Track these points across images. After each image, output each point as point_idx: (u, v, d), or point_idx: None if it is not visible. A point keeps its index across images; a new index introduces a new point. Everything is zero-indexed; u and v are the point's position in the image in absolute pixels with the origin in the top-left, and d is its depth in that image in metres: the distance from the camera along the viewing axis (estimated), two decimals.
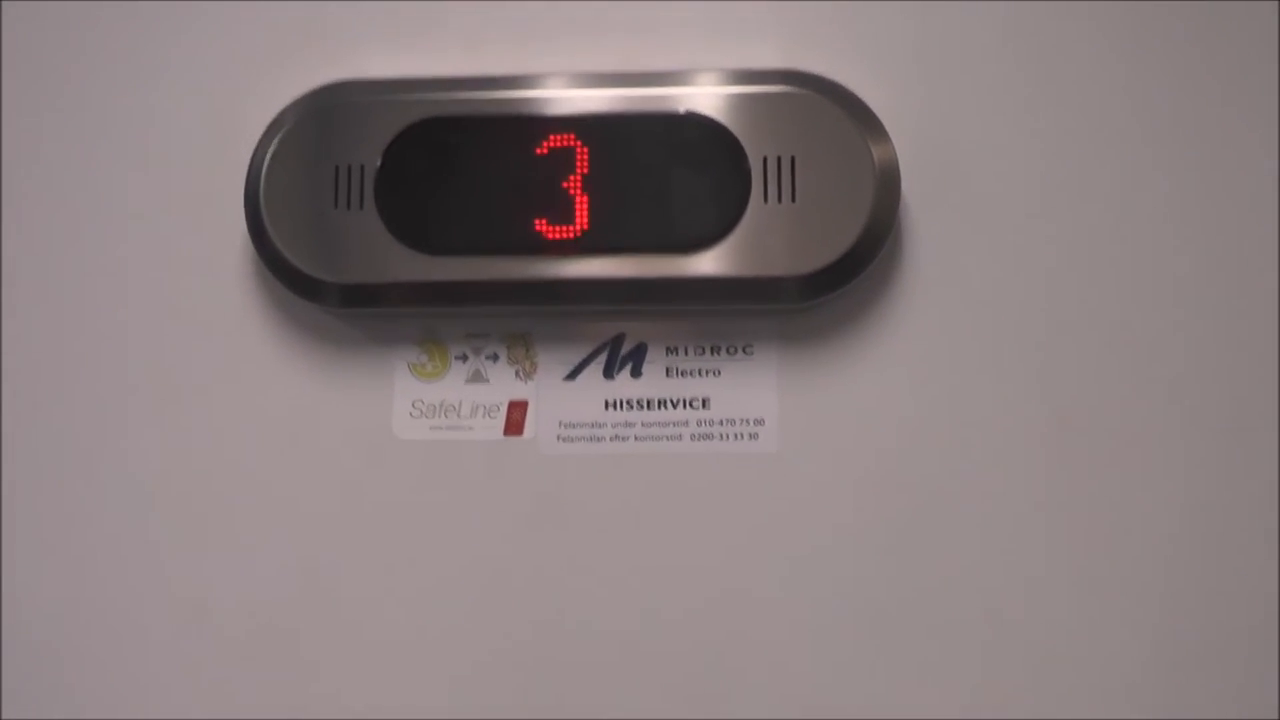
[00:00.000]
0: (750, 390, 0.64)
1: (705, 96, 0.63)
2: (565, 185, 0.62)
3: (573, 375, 0.65)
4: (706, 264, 0.62)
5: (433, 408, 0.65)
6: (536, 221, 0.62)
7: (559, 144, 0.63)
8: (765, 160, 0.62)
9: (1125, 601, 0.62)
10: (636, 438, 0.64)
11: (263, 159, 0.64)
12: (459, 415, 0.65)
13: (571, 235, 0.62)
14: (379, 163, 0.63)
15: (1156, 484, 0.63)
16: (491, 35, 0.67)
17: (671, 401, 0.64)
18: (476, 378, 0.65)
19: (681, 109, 0.63)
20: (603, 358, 0.65)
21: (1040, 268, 0.64)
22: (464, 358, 0.65)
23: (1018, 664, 0.62)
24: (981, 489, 0.63)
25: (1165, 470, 0.63)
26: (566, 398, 0.65)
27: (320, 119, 0.64)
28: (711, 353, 0.65)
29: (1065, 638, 0.62)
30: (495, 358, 0.65)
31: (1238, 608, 0.62)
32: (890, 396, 0.64)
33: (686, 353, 0.65)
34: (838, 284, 0.62)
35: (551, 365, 0.65)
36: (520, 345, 0.65)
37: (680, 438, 0.64)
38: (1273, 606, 0.62)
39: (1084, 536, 0.63)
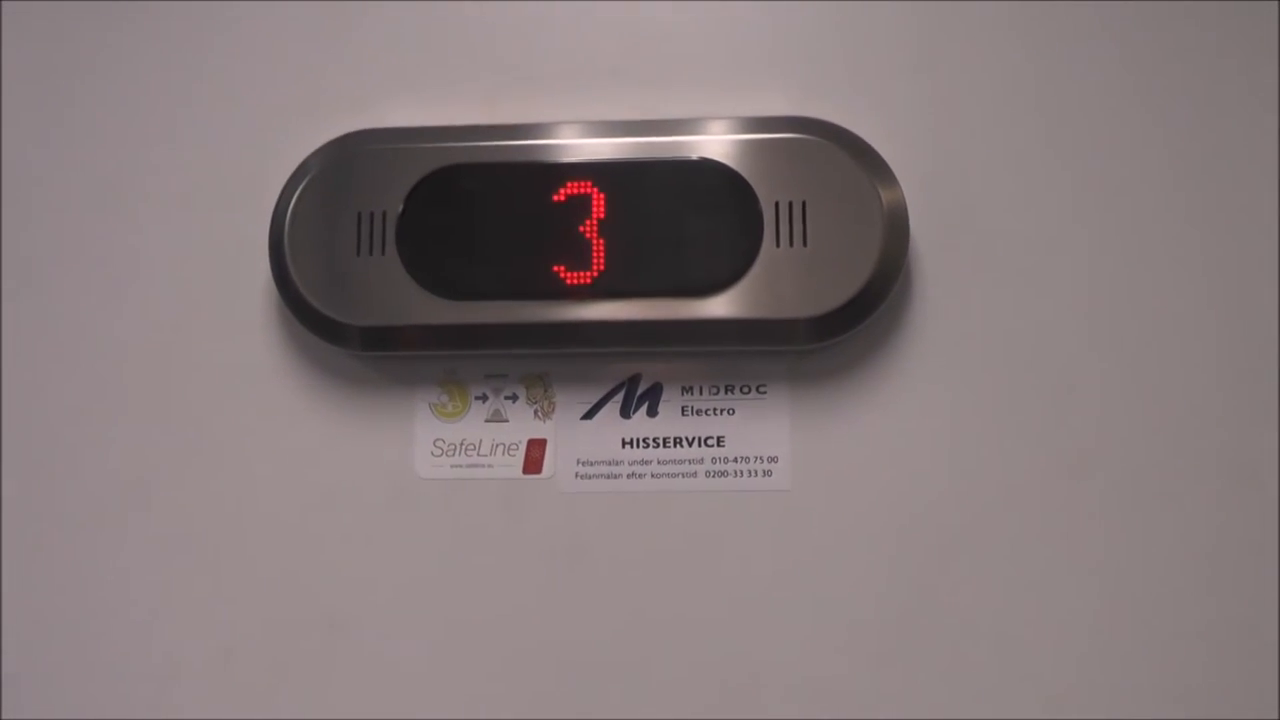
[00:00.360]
0: (764, 428, 0.65)
1: (718, 143, 0.65)
2: (582, 230, 0.64)
3: (590, 414, 0.66)
4: (720, 307, 0.63)
5: (454, 446, 0.66)
6: (554, 266, 0.64)
7: (576, 190, 0.64)
8: (777, 205, 0.63)
9: (1138, 642, 0.63)
10: (653, 475, 0.66)
11: (287, 205, 0.65)
12: (479, 454, 0.66)
13: (588, 279, 0.64)
14: (400, 209, 0.65)
15: (1170, 523, 0.64)
16: (510, 86, 0.68)
17: (687, 440, 0.66)
18: (496, 417, 0.67)
19: (695, 155, 0.65)
20: (619, 397, 0.66)
21: (1048, 309, 0.65)
22: (484, 398, 0.67)
23: (1031, 703, 0.63)
24: (992, 527, 0.64)
25: (1179, 509, 0.64)
26: (584, 436, 0.66)
27: (343, 167, 0.66)
28: (725, 392, 0.66)
29: (1078, 677, 0.63)
30: (514, 398, 0.67)
31: (1251, 651, 0.63)
32: (901, 435, 0.65)
33: (701, 392, 0.66)
34: (848, 325, 0.63)
35: (569, 405, 0.66)
36: (539, 385, 0.67)
37: (695, 475, 0.65)
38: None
39: (1096, 574, 0.64)
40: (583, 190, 0.64)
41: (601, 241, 0.64)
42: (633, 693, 0.64)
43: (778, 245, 0.63)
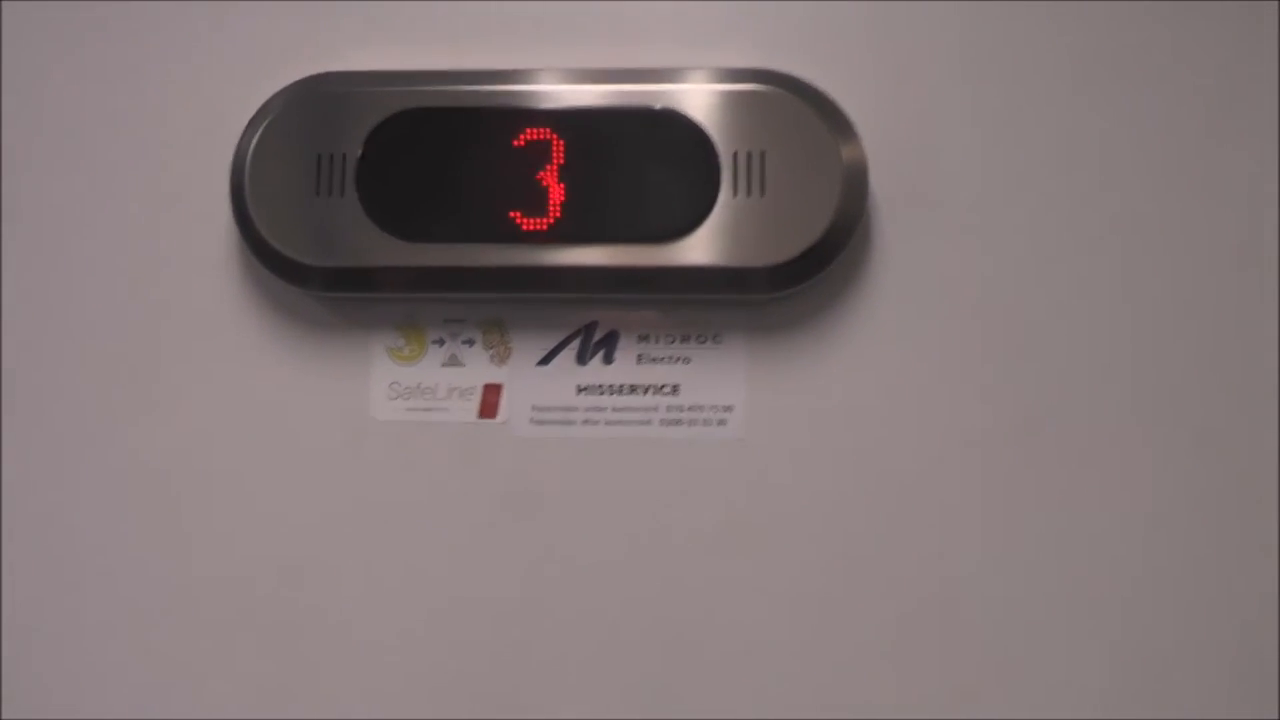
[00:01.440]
0: (719, 378, 0.66)
1: (679, 93, 0.65)
2: (541, 176, 0.64)
3: (546, 360, 0.67)
4: (677, 254, 0.63)
5: (409, 390, 0.67)
6: (512, 211, 0.64)
7: (536, 136, 0.64)
8: (736, 155, 0.64)
9: (1088, 588, 0.64)
10: (607, 422, 0.66)
11: (247, 147, 0.65)
12: (435, 397, 0.66)
13: (546, 225, 0.64)
14: (360, 152, 0.65)
15: (1121, 474, 0.65)
16: (473, 31, 0.68)
17: (642, 387, 0.66)
18: (452, 361, 0.67)
19: (656, 105, 0.65)
20: (575, 344, 0.67)
21: (1003, 262, 0.66)
22: (441, 342, 0.67)
23: (974, 647, 0.64)
24: (943, 477, 0.65)
25: (1133, 463, 0.65)
26: (539, 382, 0.66)
27: (304, 109, 0.66)
28: (682, 341, 0.66)
29: (1026, 624, 0.64)
30: (471, 342, 0.67)
31: (1198, 602, 0.64)
32: (855, 386, 0.66)
33: (657, 340, 0.66)
34: (805, 276, 0.64)
35: (525, 350, 0.67)
36: (495, 331, 0.67)
37: (650, 423, 0.66)
38: (1242, 599, 0.63)
39: (1046, 524, 0.64)
40: (543, 136, 0.64)
41: (561, 187, 0.64)
42: (581, 635, 0.65)
43: (735, 194, 0.63)
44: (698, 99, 0.65)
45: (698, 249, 0.63)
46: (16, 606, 0.67)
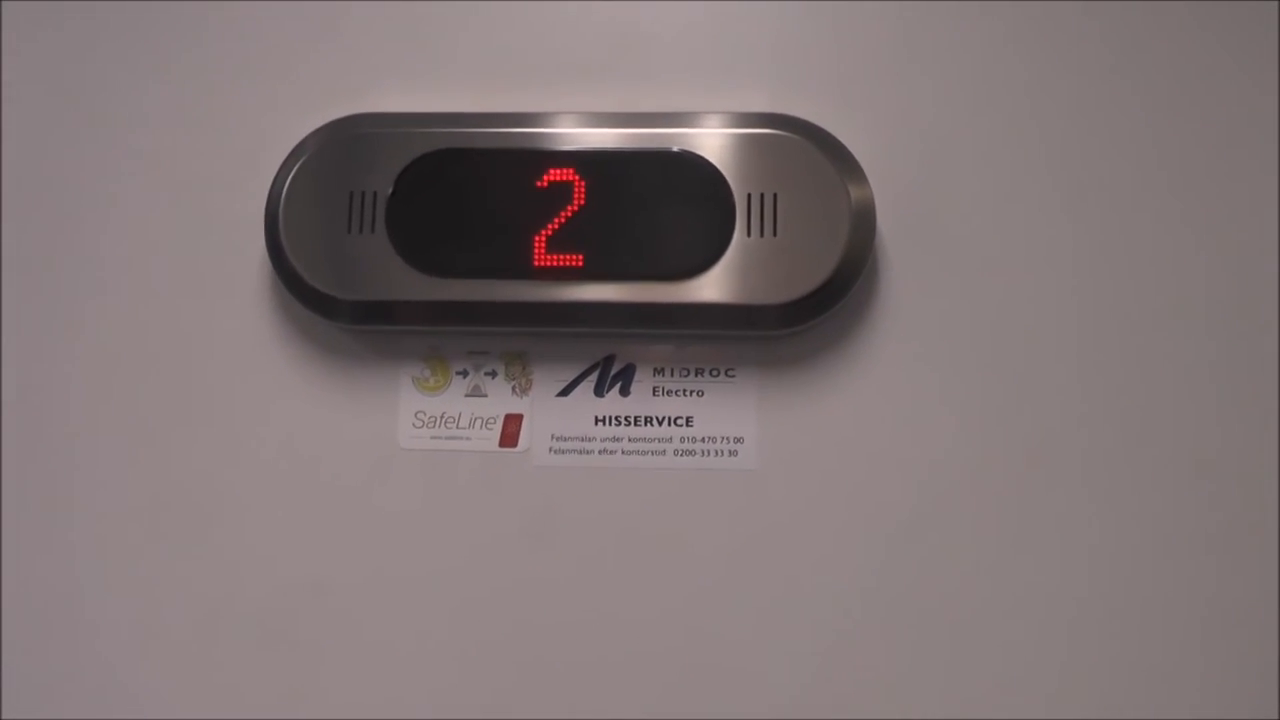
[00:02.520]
0: (731, 410, 0.68)
1: (697, 137, 0.68)
2: (563, 215, 0.67)
3: (565, 392, 0.69)
4: (693, 291, 0.66)
5: (434, 419, 0.69)
6: (535, 248, 0.67)
7: (559, 177, 0.67)
8: (749, 197, 0.66)
9: (1093, 616, 0.66)
10: (624, 451, 0.68)
11: (283, 185, 0.68)
12: (458, 426, 0.69)
13: (568, 262, 0.66)
14: (391, 190, 0.68)
15: (1130, 509, 0.66)
16: (500, 76, 0.72)
17: (657, 419, 0.69)
18: (476, 392, 0.69)
19: (674, 148, 0.67)
20: (594, 376, 0.69)
21: (1006, 297, 0.68)
22: (464, 373, 0.70)
23: (992, 680, 0.66)
24: (952, 509, 0.67)
25: (1140, 495, 0.66)
26: (559, 413, 0.69)
27: (337, 148, 0.69)
28: (696, 374, 0.69)
29: (1038, 656, 0.66)
30: (494, 374, 0.69)
31: (1196, 618, 0.65)
32: (863, 419, 0.68)
33: (672, 374, 0.69)
34: (815, 313, 0.66)
35: (546, 382, 0.69)
36: (517, 363, 0.69)
37: (664, 453, 0.68)
38: (1263, 628, 0.65)
39: (1055, 558, 0.66)
40: (565, 177, 0.67)
41: (581, 226, 0.67)
42: (597, 663, 0.67)
43: (749, 235, 0.66)
44: (713, 142, 0.67)
45: (712, 286, 0.66)
46: (55, 623, 0.69)
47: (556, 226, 0.67)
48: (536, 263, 0.67)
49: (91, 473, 0.70)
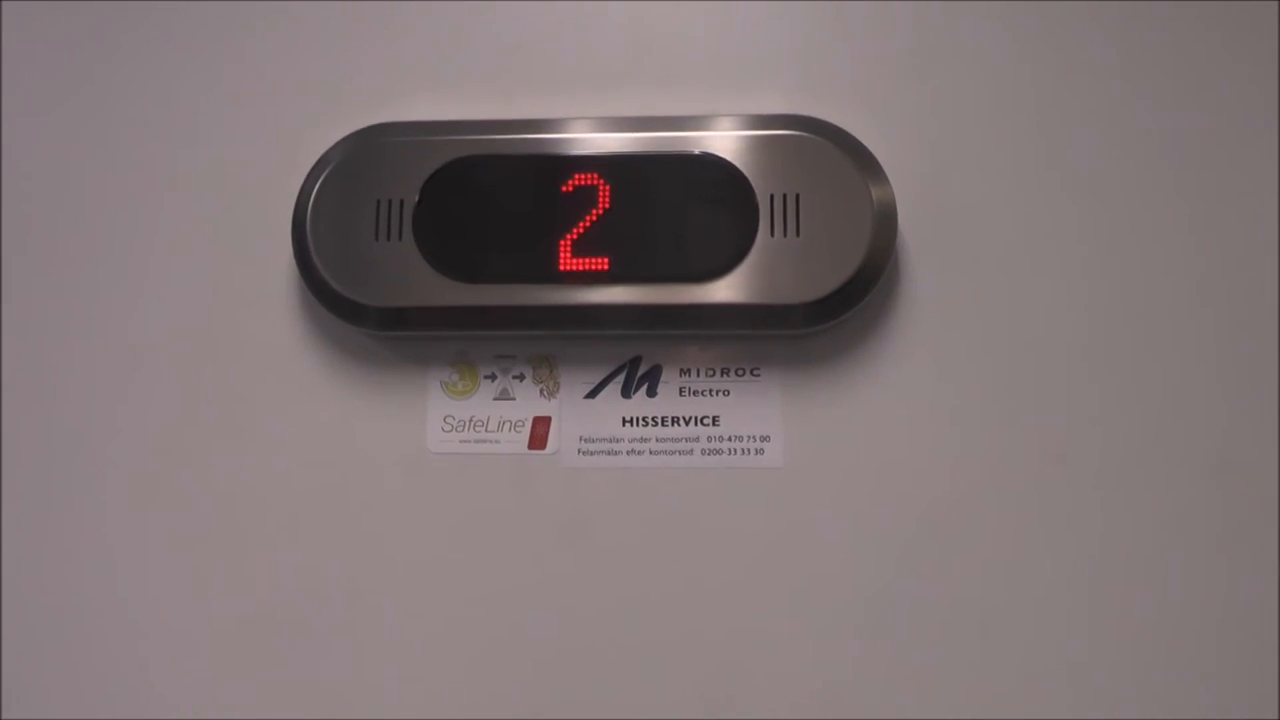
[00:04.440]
0: (757, 409, 0.69)
1: (718, 139, 0.68)
2: (588, 219, 0.67)
3: (593, 394, 0.70)
4: (718, 292, 0.67)
5: (463, 423, 0.70)
6: (561, 252, 0.67)
7: (583, 182, 0.68)
8: (772, 198, 0.67)
9: (1118, 618, 0.66)
10: (651, 452, 0.69)
11: (310, 193, 0.69)
12: (487, 430, 0.70)
13: (593, 266, 0.67)
14: (417, 198, 0.68)
15: (1158, 505, 0.67)
16: (522, 82, 0.72)
17: (684, 419, 0.69)
18: (504, 395, 0.70)
19: (696, 150, 0.68)
20: (621, 378, 0.70)
21: (1028, 299, 0.69)
22: (492, 377, 0.70)
23: (1017, 676, 0.66)
24: (978, 507, 0.67)
25: (1166, 491, 0.67)
26: (587, 414, 0.70)
27: (364, 157, 0.69)
28: (721, 374, 0.69)
29: (1064, 651, 0.66)
30: (521, 377, 0.70)
31: (1230, 630, 0.66)
32: (888, 417, 0.68)
33: (698, 374, 0.70)
34: (839, 311, 0.67)
35: (573, 384, 0.70)
36: (545, 366, 0.70)
37: (691, 452, 0.69)
38: (1268, 620, 0.65)
39: (1083, 555, 0.67)
40: (590, 181, 0.68)
41: (606, 230, 0.67)
42: (628, 661, 0.68)
43: (772, 235, 0.67)
44: (735, 144, 0.68)
45: (737, 287, 0.66)
46: (87, 628, 0.70)
47: (581, 230, 0.67)
48: (562, 267, 0.67)
49: (119, 480, 0.71)
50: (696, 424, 0.69)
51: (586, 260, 0.67)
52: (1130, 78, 0.70)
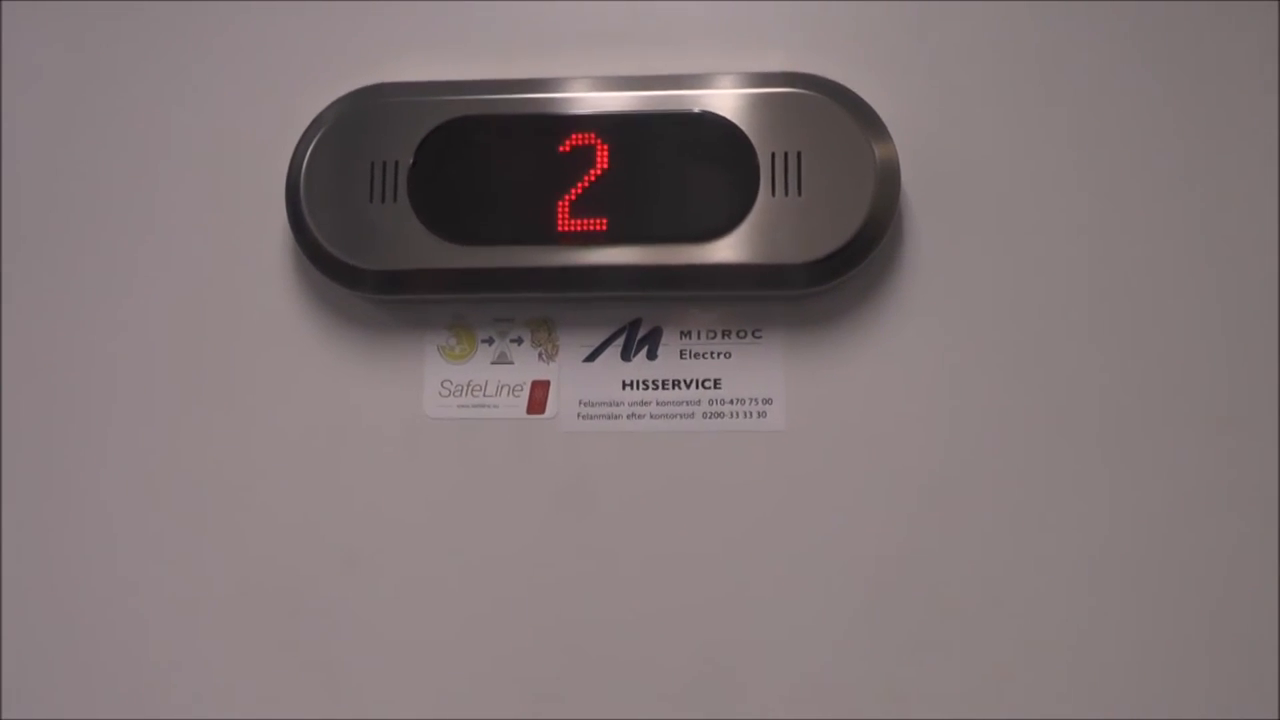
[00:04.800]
0: (759, 371, 0.68)
1: (718, 97, 0.67)
2: (586, 180, 0.67)
3: (592, 357, 0.69)
4: (718, 252, 0.66)
5: (460, 387, 0.69)
6: (559, 214, 0.66)
7: (580, 141, 0.67)
8: (773, 156, 0.66)
9: (1118, 583, 0.66)
10: (652, 416, 0.68)
11: (304, 155, 0.68)
12: (485, 394, 0.69)
13: (591, 226, 0.66)
14: (412, 159, 0.67)
15: (1150, 467, 0.66)
16: (519, 42, 0.71)
17: (685, 382, 0.68)
18: (502, 359, 0.69)
19: (695, 109, 0.67)
20: (620, 341, 0.69)
21: (1032, 258, 0.68)
22: (490, 341, 0.69)
23: (1016, 640, 0.66)
24: (980, 467, 0.67)
25: (1169, 453, 0.66)
26: (586, 378, 0.69)
27: (358, 118, 0.69)
28: (723, 336, 0.69)
29: (1063, 617, 0.66)
30: (519, 341, 0.69)
31: (1230, 600, 0.65)
32: (890, 378, 0.68)
33: (699, 336, 0.69)
34: (841, 271, 0.66)
35: (572, 348, 0.69)
36: (543, 329, 0.69)
37: (693, 416, 0.68)
38: (1270, 602, 0.65)
39: (1080, 516, 0.66)
40: (587, 141, 0.67)
41: (604, 190, 0.66)
42: (630, 626, 0.67)
43: (773, 194, 0.66)
44: (735, 103, 0.67)
45: (737, 247, 0.66)
46: (85, 599, 0.69)
47: (579, 191, 0.66)
48: (560, 228, 0.66)
49: (117, 448, 0.70)
50: (698, 387, 0.68)
51: (585, 221, 0.66)
52: (1134, 37, 0.69)
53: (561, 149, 0.67)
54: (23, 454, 0.70)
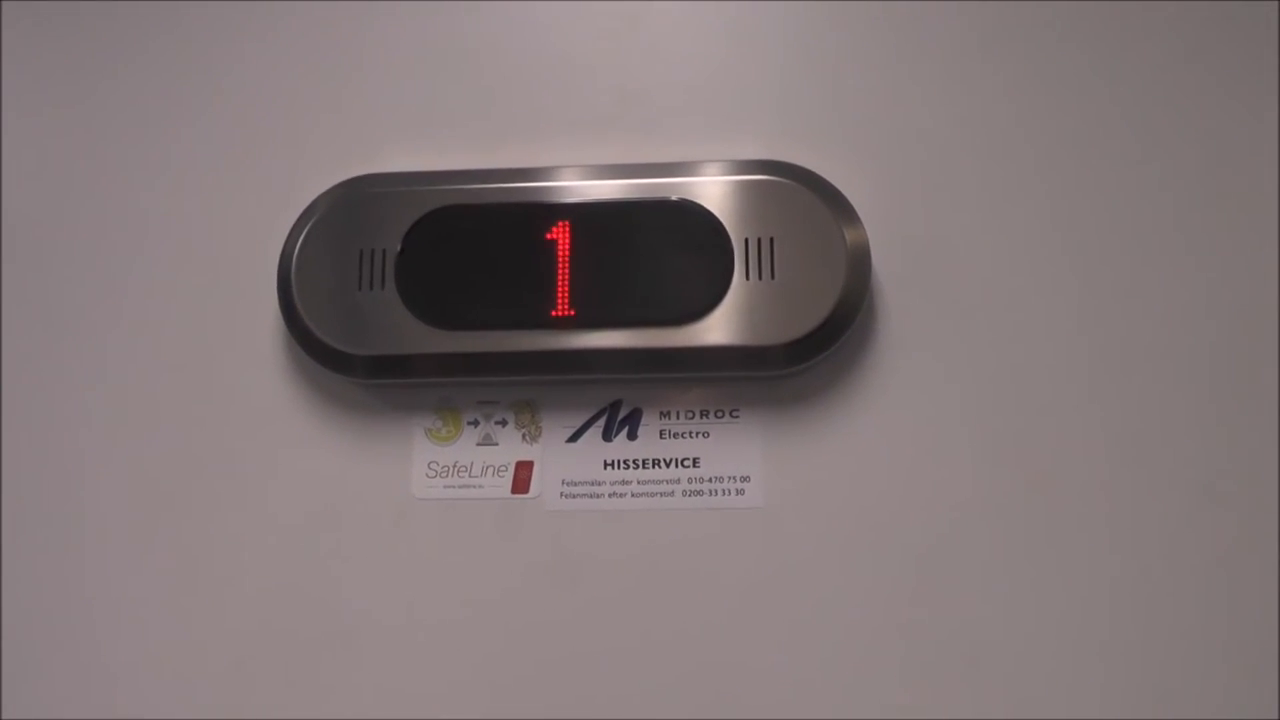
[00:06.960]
0: (737, 450, 0.70)
1: (694, 185, 0.70)
2: (567, 266, 0.69)
3: (574, 438, 0.71)
4: (696, 335, 0.68)
5: (447, 468, 0.71)
6: (541, 299, 0.68)
7: (562, 230, 0.69)
8: (747, 241, 0.68)
9: (1104, 654, 0.66)
10: (633, 494, 0.70)
11: (294, 244, 0.70)
12: (470, 475, 0.70)
13: (574, 311, 0.68)
14: (399, 247, 0.70)
15: (1132, 538, 0.67)
16: (502, 133, 0.74)
17: (664, 461, 0.70)
18: (487, 441, 0.71)
19: (673, 196, 0.69)
20: (602, 421, 0.71)
21: (1003, 335, 0.70)
22: (475, 423, 0.71)
23: (1001, 709, 0.66)
24: (957, 541, 0.68)
25: (1132, 524, 0.67)
26: (569, 458, 0.70)
27: (347, 208, 0.71)
28: (701, 416, 0.70)
29: (1053, 686, 0.66)
30: (504, 422, 0.71)
31: (1211, 661, 0.66)
32: (865, 455, 0.69)
33: (678, 416, 0.70)
34: (815, 352, 0.68)
35: (555, 429, 0.71)
36: (526, 411, 0.71)
37: (673, 494, 0.70)
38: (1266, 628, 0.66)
39: (1062, 589, 0.67)
40: (569, 229, 0.69)
41: (586, 275, 0.69)
42: (614, 704, 0.68)
43: (748, 278, 0.68)
44: (711, 190, 0.69)
45: (715, 330, 0.67)
46: (71, 674, 0.70)
47: (562, 277, 0.69)
48: (543, 313, 0.68)
49: (108, 529, 0.71)
50: (677, 466, 0.70)
51: (567, 306, 0.68)
52: (1112, 117, 0.72)
53: (545, 236, 0.69)
54: (20, 539, 0.72)
